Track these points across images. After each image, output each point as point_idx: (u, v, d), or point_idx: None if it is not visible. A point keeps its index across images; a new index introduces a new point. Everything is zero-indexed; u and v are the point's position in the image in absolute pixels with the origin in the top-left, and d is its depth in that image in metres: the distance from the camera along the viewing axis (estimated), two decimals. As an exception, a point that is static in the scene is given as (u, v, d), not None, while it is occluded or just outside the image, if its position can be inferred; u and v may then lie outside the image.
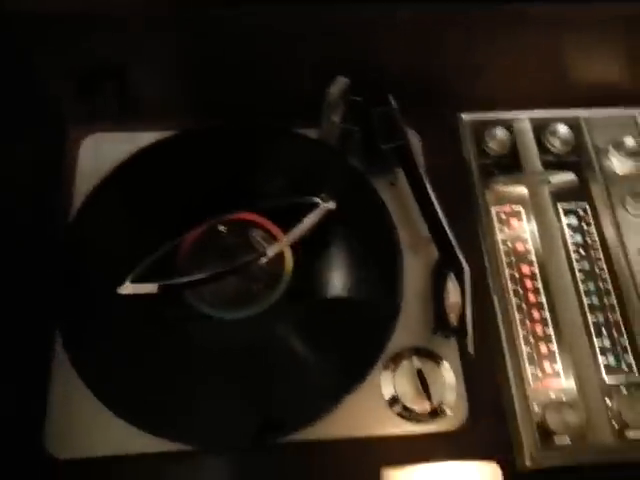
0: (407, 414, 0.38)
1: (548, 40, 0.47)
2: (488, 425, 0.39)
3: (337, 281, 0.42)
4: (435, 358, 0.40)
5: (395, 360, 0.40)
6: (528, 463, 0.38)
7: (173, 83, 0.48)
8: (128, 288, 0.36)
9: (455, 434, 0.38)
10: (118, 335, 0.40)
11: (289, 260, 0.42)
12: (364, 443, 0.38)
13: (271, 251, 0.37)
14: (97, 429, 0.38)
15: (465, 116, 0.50)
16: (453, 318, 0.38)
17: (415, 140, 0.48)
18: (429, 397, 0.38)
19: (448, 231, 0.39)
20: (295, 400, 0.38)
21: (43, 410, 0.38)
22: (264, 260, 0.37)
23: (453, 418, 0.39)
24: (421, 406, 0.38)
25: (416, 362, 0.39)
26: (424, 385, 0.38)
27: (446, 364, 0.40)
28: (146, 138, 0.46)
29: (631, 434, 0.39)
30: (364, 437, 0.38)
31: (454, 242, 0.39)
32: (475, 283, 0.44)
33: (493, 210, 0.47)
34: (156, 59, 0.46)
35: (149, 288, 0.36)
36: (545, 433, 0.39)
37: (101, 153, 0.47)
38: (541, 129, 0.49)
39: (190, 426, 0.37)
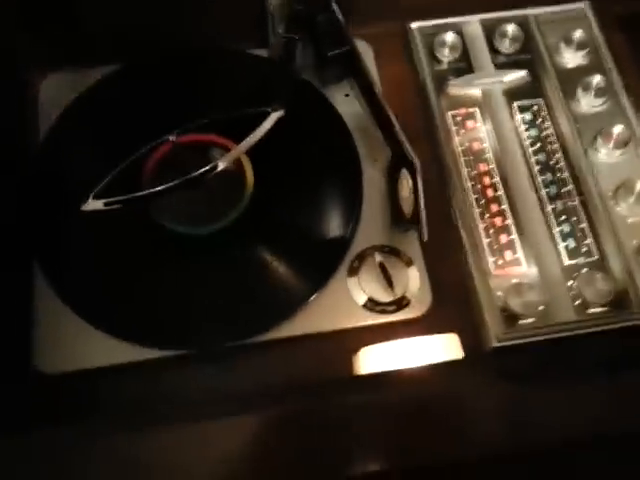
0: (373, 306, 0.39)
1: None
2: (453, 311, 0.40)
3: (298, 194, 0.43)
4: (398, 253, 0.41)
5: (360, 258, 0.41)
6: (494, 343, 0.40)
7: (123, 17, 0.48)
8: (90, 205, 0.37)
9: (420, 321, 0.40)
10: (91, 254, 0.41)
11: (250, 176, 0.43)
12: (336, 336, 0.39)
13: (225, 160, 0.38)
14: (81, 344, 0.39)
15: (414, 24, 0.50)
16: (407, 211, 0.39)
17: (366, 50, 0.48)
18: (392, 288, 0.39)
19: (397, 129, 0.40)
20: (268, 301, 0.39)
21: (29, 331, 0.39)
22: (219, 168, 0.37)
23: (417, 306, 0.40)
24: (386, 298, 0.39)
25: (377, 257, 0.40)
26: (387, 278, 0.39)
27: (408, 257, 0.41)
28: (104, 71, 0.47)
29: (590, 310, 0.41)
30: (335, 330, 0.39)
31: (404, 139, 0.39)
32: (436, 183, 0.45)
33: (449, 114, 0.47)
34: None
35: (111, 203, 0.37)
36: (510, 316, 0.41)
37: (61, 92, 0.47)
38: (491, 31, 0.50)
39: (168, 332, 0.39)
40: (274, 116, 0.40)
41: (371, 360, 0.36)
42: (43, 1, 0.44)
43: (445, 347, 0.36)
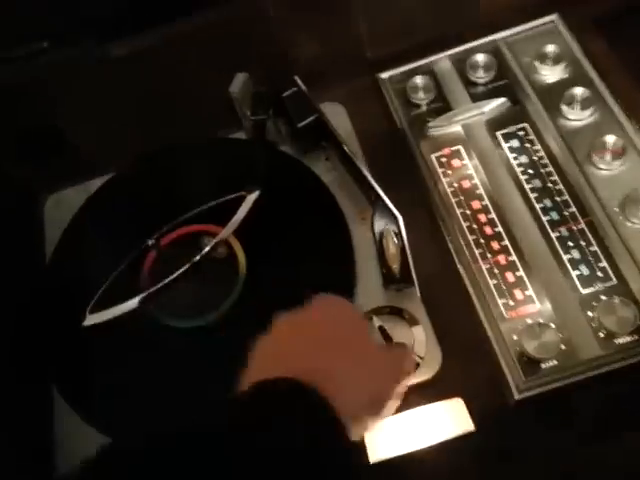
0: (381, 375, 0.38)
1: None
2: (467, 367, 0.38)
3: (291, 266, 0.43)
4: (400, 313, 0.40)
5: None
6: (516, 396, 0.37)
7: (106, 132, 0.50)
8: (89, 319, 0.38)
9: (433, 382, 0.38)
10: (104, 367, 0.42)
11: (242, 259, 0.43)
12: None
13: (210, 244, 0.38)
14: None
15: (384, 75, 0.50)
16: (396, 269, 0.37)
17: (339, 111, 0.48)
18: (396, 352, 0.38)
19: (375, 186, 0.39)
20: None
21: (52, 450, 0.40)
22: (204, 251, 0.38)
23: (427, 368, 0.38)
24: (392, 364, 0.38)
25: (376, 321, 0.39)
26: (388, 342, 0.38)
27: (412, 315, 0.39)
28: (97, 184, 0.49)
29: (618, 341, 0.38)
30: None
31: (383, 195, 0.38)
32: (429, 230, 0.44)
33: (432, 157, 0.46)
34: (84, 115, 0.48)
35: (109, 314, 0.38)
36: (529, 362, 0.38)
37: (63, 208, 0.50)
38: (462, 64, 0.49)
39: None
40: (250, 199, 0.40)
41: (384, 445, 0.34)
42: (35, 133, 0.47)
43: (459, 417, 0.34)
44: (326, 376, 0.27)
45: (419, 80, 0.48)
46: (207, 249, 0.38)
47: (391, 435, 0.36)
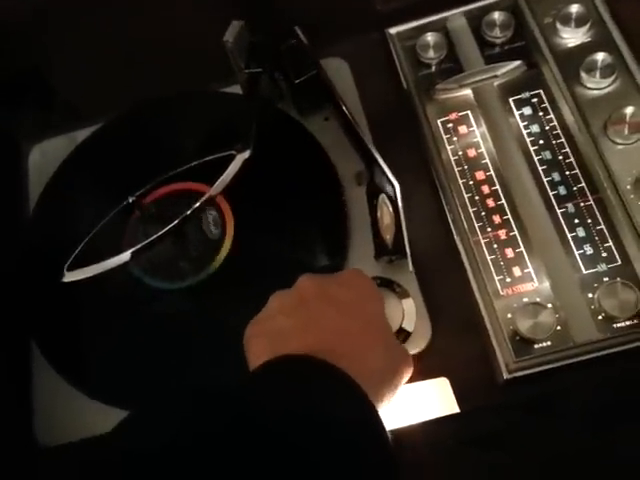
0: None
1: None
2: (457, 343, 0.37)
3: (282, 228, 0.41)
4: (391, 285, 0.38)
5: (350, 295, 0.39)
6: (505, 375, 0.36)
7: (94, 81, 0.48)
8: (68, 276, 0.37)
9: (421, 357, 0.36)
10: (83, 325, 0.41)
11: (230, 219, 0.42)
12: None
13: (196, 205, 0.37)
14: (78, 415, 0.39)
15: (392, 30, 0.46)
16: (389, 239, 0.36)
17: (342, 67, 0.46)
18: (386, 325, 0.36)
19: (373, 151, 0.37)
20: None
21: (30, 408, 0.40)
22: (195, 207, 0.36)
23: (416, 342, 0.37)
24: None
25: (367, 292, 0.37)
26: (378, 314, 0.37)
27: (403, 288, 0.38)
28: (84, 134, 0.47)
29: (616, 325, 0.36)
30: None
31: (381, 161, 0.36)
32: (430, 200, 0.42)
33: (438, 122, 0.44)
34: (72, 60, 0.46)
35: (86, 272, 0.37)
36: (522, 342, 0.37)
37: (48, 158, 0.48)
38: (477, 22, 0.45)
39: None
40: (240, 158, 0.38)
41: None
42: (17, 77, 0.45)
43: (440, 392, 0.32)
44: (352, 357, 0.26)
45: (430, 37, 0.45)
46: (197, 205, 0.37)
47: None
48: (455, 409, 0.33)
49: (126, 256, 0.37)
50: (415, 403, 0.33)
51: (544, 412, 0.35)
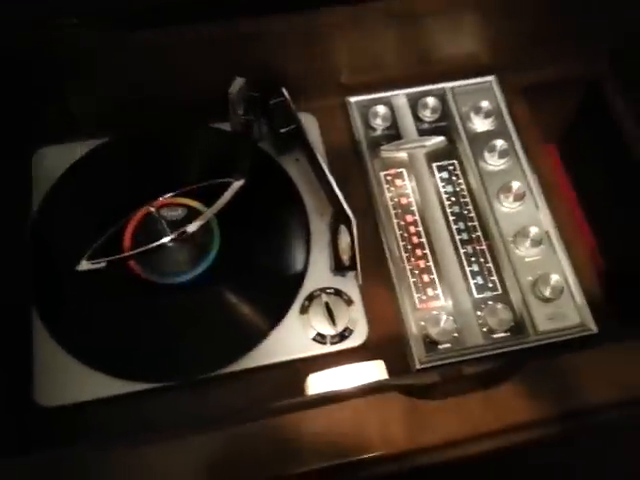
0: (321, 339, 0.49)
1: (410, 30, 0.57)
2: (386, 340, 0.50)
3: (258, 247, 0.52)
4: (340, 294, 0.51)
5: (310, 299, 0.50)
6: (418, 366, 0.49)
7: (105, 99, 0.56)
8: (84, 265, 0.45)
9: (360, 349, 0.49)
10: (83, 303, 0.49)
11: (217, 235, 0.52)
12: (291, 365, 0.48)
13: (195, 224, 0.47)
14: (75, 380, 0.47)
15: (352, 99, 0.60)
16: (346, 259, 0.48)
17: (313, 122, 0.58)
18: (335, 323, 0.49)
19: (336, 190, 0.49)
20: (234, 337, 0.49)
21: (30, 370, 0.47)
22: (190, 230, 0.46)
23: (356, 338, 0.49)
24: (331, 331, 0.49)
25: (324, 297, 0.49)
26: (331, 315, 0.49)
27: (349, 297, 0.50)
28: (89, 145, 0.55)
29: (495, 335, 0.51)
30: (289, 360, 0.48)
31: (342, 199, 0.49)
32: (372, 232, 0.55)
33: (381, 175, 0.57)
34: (88, 84, 0.54)
35: (100, 264, 0.45)
36: (431, 343, 0.50)
37: (50, 163, 0.55)
38: (415, 102, 0.60)
39: (151, 368, 0.47)
40: (236, 185, 0.49)
41: (319, 384, 0.45)
42: (35, 86, 0.52)
43: (377, 371, 0.45)
44: None
45: (379, 109, 0.59)
46: (198, 224, 0.47)
47: (315, 390, 0.46)
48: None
49: (138, 250, 0.46)
50: (353, 381, 0.46)
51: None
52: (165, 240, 0.46)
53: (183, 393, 0.48)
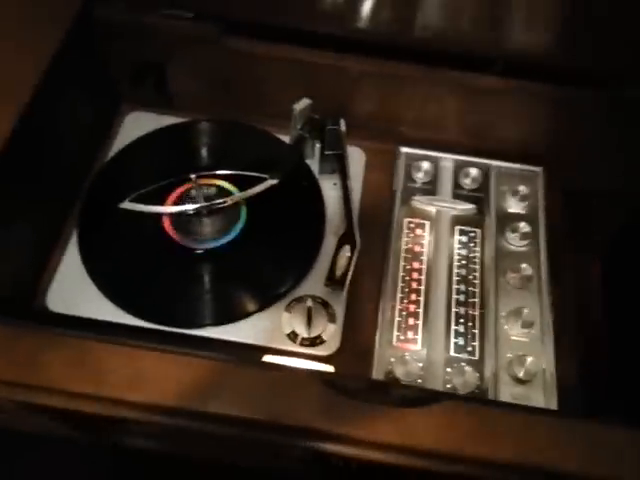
0: (294, 337, 0.53)
1: (473, 104, 0.62)
2: (352, 361, 0.53)
3: (275, 237, 0.58)
4: (326, 306, 0.54)
5: (298, 300, 0.55)
6: (372, 394, 0.52)
7: (198, 85, 0.66)
8: (126, 204, 0.53)
9: (324, 359, 0.52)
10: (116, 240, 0.57)
11: (242, 220, 0.58)
12: (255, 349, 0.52)
13: (227, 201, 0.54)
14: (86, 299, 0.54)
15: (403, 149, 0.65)
16: (338, 274, 0.53)
17: (360, 156, 0.64)
18: (310, 328, 0.52)
19: (352, 212, 0.55)
20: (219, 305, 0.54)
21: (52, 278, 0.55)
22: (223, 204, 0.53)
23: (325, 348, 0.52)
24: (304, 333, 0.53)
25: (309, 302, 0.53)
26: (309, 319, 0.53)
27: (333, 311, 0.54)
28: (170, 120, 0.65)
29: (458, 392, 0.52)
30: (259, 345, 0.52)
31: (355, 222, 0.54)
32: (376, 265, 0.59)
33: (405, 220, 0.62)
34: (190, 68, 0.64)
35: (139, 207, 0.53)
36: (392, 380, 0.53)
37: (137, 125, 0.65)
38: (459, 169, 0.64)
39: (151, 309, 0.53)
40: (268, 182, 0.55)
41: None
42: (147, 59, 0.63)
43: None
44: None
45: (424, 164, 0.64)
46: (230, 202, 0.54)
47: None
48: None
49: (173, 209, 0.53)
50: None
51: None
52: (193, 206, 0.53)
53: (164, 339, 0.53)
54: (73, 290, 0.54)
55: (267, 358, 0.48)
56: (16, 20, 0.54)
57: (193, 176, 0.55)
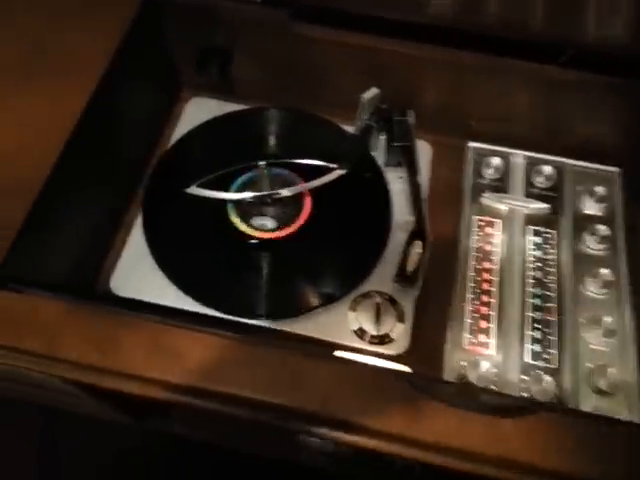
0: (361, 334, 0.50)
1: (548, 98, 0.59)
2: (422, 361, 0.50)
3: (340, 230, 0.56)
4: (395, 303, 0.52)
5: (365, 296, 0.52)
6: (443, 399, 0.48)
7: (262, 72, 0.64)
8: (193, 190, 0.51)
9: (392, 359, 0.49)
10: (181, 225, 0.55)
11: (307, 206, 0.55)
12: (320, 345, 0.49)
13: (290, 190, 0.51)
14: (150, 282, 0.52)
15: (472, 144, 0.62)
16: (409, 270, 0.50)
17: (427, 150, 0.61)
18: (379, 326, 0.50)
19: (423, 208, 0.52)
20: (285, 298, 0.51)
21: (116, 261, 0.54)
22: (284, 194, 0.51)
23: (394, 347, 0.50)
24: (372, 331, 0.50)
25: (377, 298, 0.51)
26: (378, 317, 0.50)
27: (401, 308, 0.51)
28: (232, 107, 0.63)
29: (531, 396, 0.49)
30: (326, 340, 0.50)
31: (425, 217, 0.51)
32: (446, 264, 0.55)
33: (475, 217, 0.58)
34: (256, 54, 0.62)
35: (206, 193, 0.51)
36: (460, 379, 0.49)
37: (199, 112, 0.63)
38: (532, 166, 0.61)
39: (214, 296, 0.51)
40: (336, 172, 0.53)
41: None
42: (212, 44, 0.61)
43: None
44: None
45: (494, 160, 0.61)
46: (294, 191, 0.51)
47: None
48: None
49: (238, 195, 0.51)
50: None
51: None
52: (257, 194, 0.50)
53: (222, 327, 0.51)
54: (137, 274, 0.53)
55: (339, 354, 0.45)
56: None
57: (262, 163, 0.52)
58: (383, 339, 0.50)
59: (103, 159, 0.52)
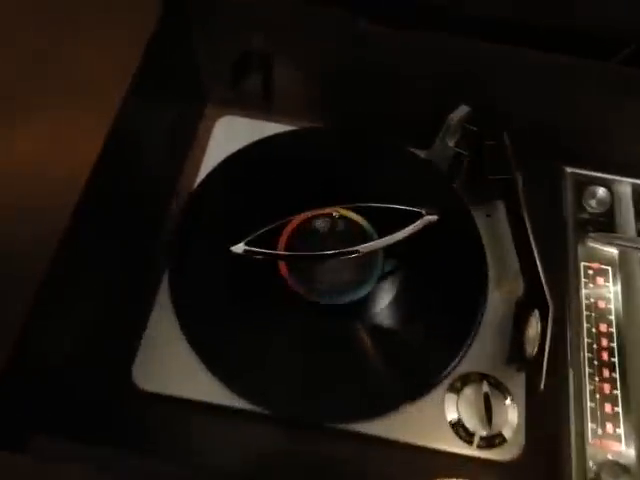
0: (464, 434, 0.39)
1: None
2: (542, 465, 0.39)
3: (423, 294, 0.44)
4: (501, 389, 0.41)
5: (464, 379, 0.41)
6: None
7: (309, 84, 0.51)
8: (239, 248, 0.39)
9: (506, 466, 0.38)
10: (219, 294, 0.43)
11: (378, 270, 0.43)
12: (416, 451, 0.38)
13: (368, 246, 0.39)
14: (182, 373, 0.40)
15: (569, 169, 0.51)
16: (530, 352, 0.38)
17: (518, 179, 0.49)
18: (490, 423, 0.39)
19: (540, 269, 0.40)
20: (359, 393, 0.39)
21: (138, 342, 0.41)
22: (362, 251, 0.39)
23: (507, 450, 0.39)
24: (480, 430, 0.39)
25: (485, 386, 0.40)
26: (488, 411, 0.39)
27: (511, 396, 0.40)
28: (272, 128, 0.50)
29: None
30: (416, 445, 0.39)
31: (544, 280, 0.40)
32: (555, 327, 0.44)
33: (582, 265, 0.47)
34: (300, 61, 0.49)
35: (260, 252, 0.39)
36: (596, 491, 0.39)
37: (230, 133, 0.50)
38: (641, 197, 0.50)
39: (264, 391, 0.39)
40: (426, 219, 0.41)
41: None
42: (246, 60, 0.48)
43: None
44: None
45: (599, 190, 0.50)
46: (373, 247, 0.39)
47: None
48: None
49: (300, 254, 0.39)
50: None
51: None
52: (332, 252, 0.38)
53: (278, 428, 0.39)
54: (165, 361, 0.40)
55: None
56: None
57: (335, 213, 0.40)
58: (493, 440, 0.39)
59: (120, 203, 0.39)
